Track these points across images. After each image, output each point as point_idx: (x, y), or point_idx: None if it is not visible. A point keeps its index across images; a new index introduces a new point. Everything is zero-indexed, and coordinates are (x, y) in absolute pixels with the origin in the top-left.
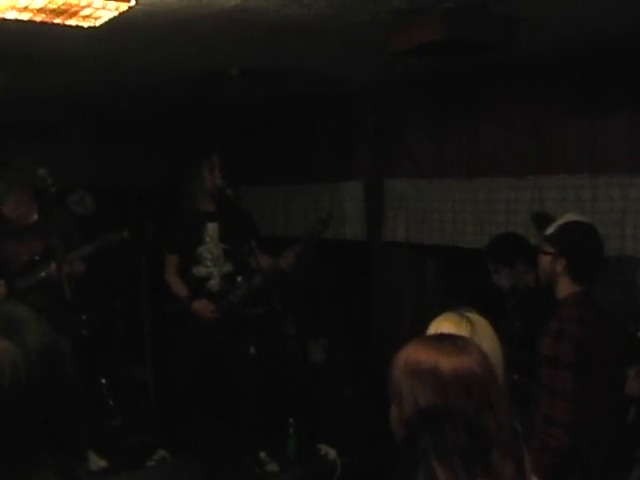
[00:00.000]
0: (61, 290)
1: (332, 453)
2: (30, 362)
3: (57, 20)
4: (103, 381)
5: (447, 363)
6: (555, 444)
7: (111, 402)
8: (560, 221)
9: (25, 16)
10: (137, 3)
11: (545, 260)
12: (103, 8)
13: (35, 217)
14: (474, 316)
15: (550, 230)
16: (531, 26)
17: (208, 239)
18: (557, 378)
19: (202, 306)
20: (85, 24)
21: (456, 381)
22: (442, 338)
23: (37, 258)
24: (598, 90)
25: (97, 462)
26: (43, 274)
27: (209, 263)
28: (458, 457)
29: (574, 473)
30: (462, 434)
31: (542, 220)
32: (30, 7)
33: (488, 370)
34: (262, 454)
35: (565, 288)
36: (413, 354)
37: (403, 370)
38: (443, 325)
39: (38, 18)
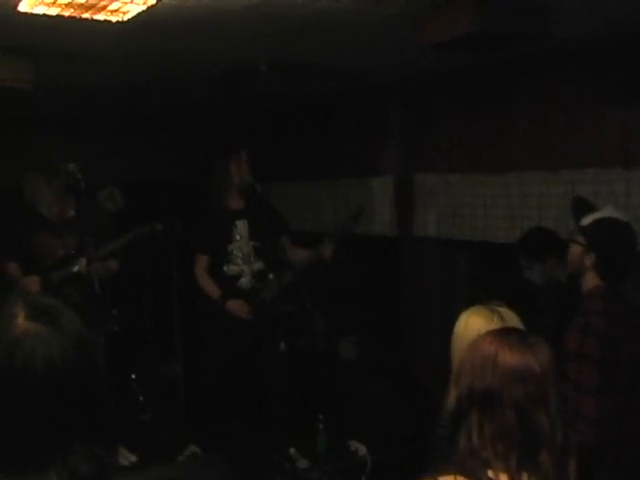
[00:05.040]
0: (91, 285)
1: (362, 449)
2: (65, 347)
3: (85, 15)
4: (133, 376)
5: (508, 355)
6: (581, 439)
7: (141, 397)
8: (597, 215)
9: (53, 11)
10: None
11: (576, 250)
12: (131, 2)
13: (72, 213)
14: (504, 310)
15: (586, 221)
16: (564, 15)
17: (238, 237)
18: (583, 373)
19: (237, 306)
20: (113, 19)
21: (513, 373)
22: (509, 332)
23: (73, 252)
24: (633, 82)
25: (128, 457)
26: (75, 269)
27: (240, 261)
28: (505, 441)
29: (603, 470)
30: (510, 420)
31: (581, 207)
32: (58, 2)
33: (550, 372)
34: (292, 450)
35: (591, 281)
36: (480, 342)
37: (467, 354)
38: (473, 319)
39: (66, 13)
